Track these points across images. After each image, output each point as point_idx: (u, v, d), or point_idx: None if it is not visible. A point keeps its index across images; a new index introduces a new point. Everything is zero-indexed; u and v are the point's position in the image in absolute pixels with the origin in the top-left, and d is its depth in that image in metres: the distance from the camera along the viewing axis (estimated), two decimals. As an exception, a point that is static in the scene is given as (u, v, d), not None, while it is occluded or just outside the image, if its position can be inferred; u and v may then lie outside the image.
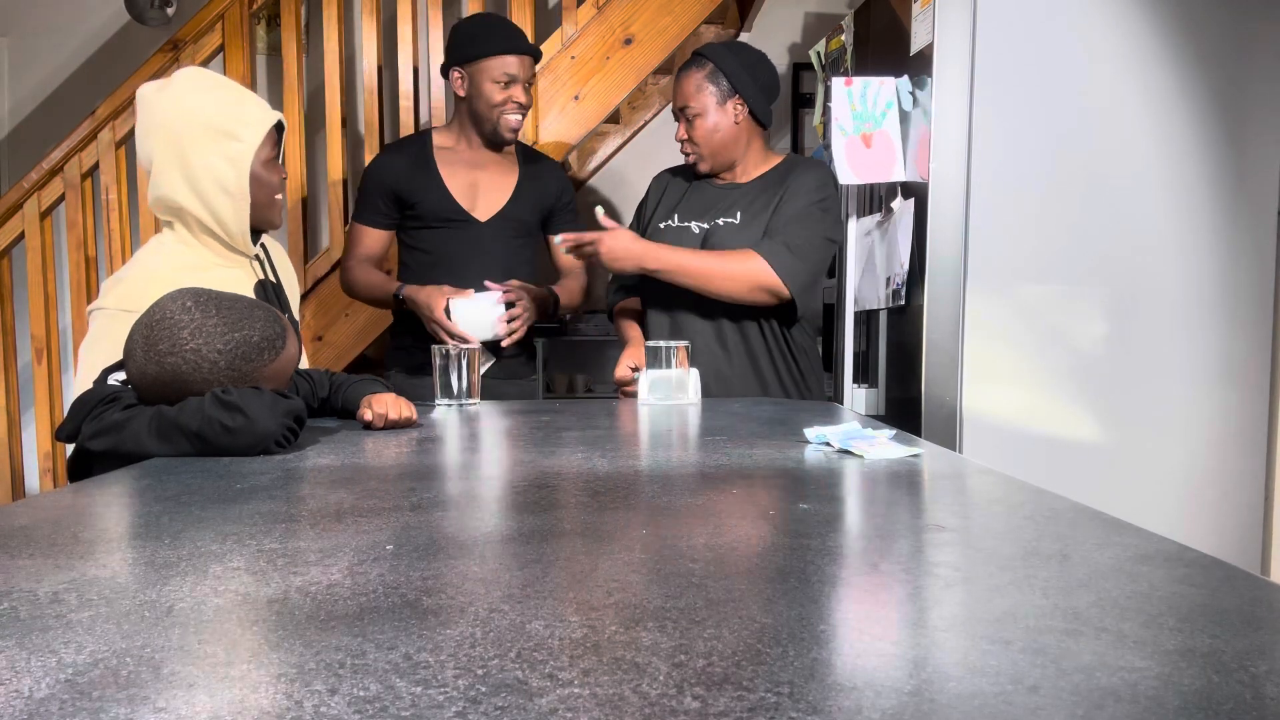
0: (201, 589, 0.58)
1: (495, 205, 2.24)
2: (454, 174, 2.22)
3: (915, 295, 2.31)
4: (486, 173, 2.25)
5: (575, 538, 0.73)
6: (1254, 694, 0.42)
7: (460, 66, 2.19)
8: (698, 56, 2.08)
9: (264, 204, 1.61)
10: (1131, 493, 2.11)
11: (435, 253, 2.22)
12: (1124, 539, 0.70)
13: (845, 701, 0.41)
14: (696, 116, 2.05)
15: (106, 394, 1.25)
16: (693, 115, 2.05)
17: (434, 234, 2.22)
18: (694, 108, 2.04)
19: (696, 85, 2.04)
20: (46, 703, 0.41)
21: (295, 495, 0.92)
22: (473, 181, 2.24)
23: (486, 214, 2.23)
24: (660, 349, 1.82)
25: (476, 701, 0.40)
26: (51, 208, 2.88)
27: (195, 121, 1.51)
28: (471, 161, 2.25)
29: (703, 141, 2.06)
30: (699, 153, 2.08)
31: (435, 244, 2.22)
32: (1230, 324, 2.15)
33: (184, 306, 1.23)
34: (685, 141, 2.09)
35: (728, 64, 2.04)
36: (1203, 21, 2.11)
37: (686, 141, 2.09)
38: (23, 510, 0.83)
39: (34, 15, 4.01)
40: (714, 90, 2.04)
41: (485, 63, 2.16)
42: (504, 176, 2.28)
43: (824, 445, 1.21)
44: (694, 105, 2.04)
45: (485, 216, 2.23)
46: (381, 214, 2.23)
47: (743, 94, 2.04)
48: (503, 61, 2.15)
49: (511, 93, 2.17)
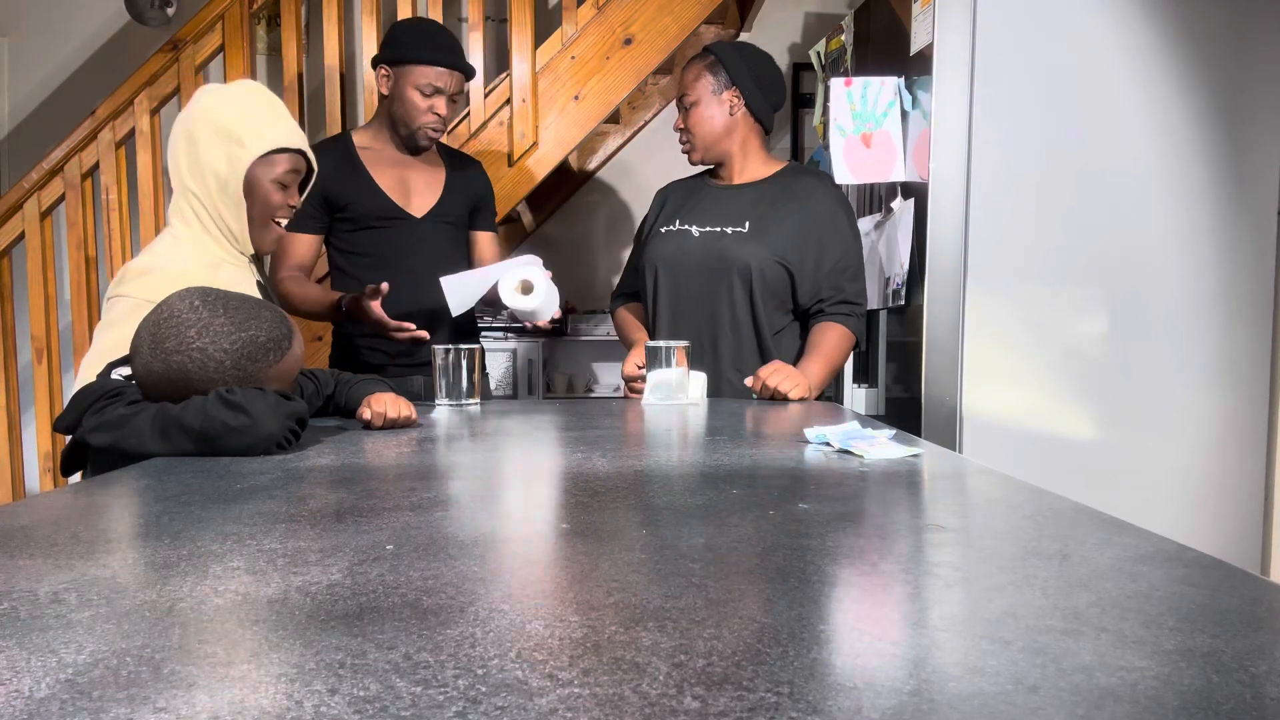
0: (201, 589, 0.58)
1: (429, 201, 2.23)
2: (382, 172, 2.20)
3: (915, 295, 2.31)
4: (415, 170, 2.24)
5: (575, 538, 0.73)
6: (1254, 694, 0.42)
7: (387, 66, 2.17)
8: (704, 51, 2.11)
9: (257, 221, 1.61)
10: (1131, 493, 2.12)
11: (372, 253, 2.18)
12: (1124, 539, 0.70)
13: (845, 701, 0.41)
14: (693, 105, 2.08)
15: (110, 388, 1.25)
16: (689, 104, 2.09)
17: (369, 234, 2.17)
18: (691, 96, 2.08)
19: (696, 75, 2.08)
20: (46, 703, 0.41)
21: (295, 495, 0.92)
22: (402, 179, 2.22)
23: (421, 210, 2.22)
24: (660, 349, 1.82)
25: (476, 701, 0.40)
26: (51, 208, 2.88)
27: (212, 119, 1.57)
28: (397, 160, 2.23)
29: (695, 129, 2.08)
30: (692, 142, 2.11)
31: (371, 244, 2.18)
32: (1230, 324, 2.15)
33: (191, 305, 1.23)
34: (682, 131, 2.12)
35: (729, 58, 2.07)
36: (1203, 21, 2.11)
37: (683, 131, 2.11)
38: (23, 510, 0.83)
39: (34, 15, 4.02)
40: (711, 81, 2.07)
41: (412, 69, 2.14)
42: (432, 172, 2.27)
43: (824, 445, 1.21)
44: (691, 94, 2.08)
45: (420, 213, 2.22)
46: (311, 219, 2.16)
47: (740, 88, 2.06)
48: (429, 72, 2.13)
49: (433, 102, 2.15)
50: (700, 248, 2.06)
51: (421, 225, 2.21)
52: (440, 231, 2.24)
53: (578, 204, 4.36)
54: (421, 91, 2.14)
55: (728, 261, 2.02)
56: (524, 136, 2.89)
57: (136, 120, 2.82)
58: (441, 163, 2.30)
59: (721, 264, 2.03)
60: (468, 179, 2.32)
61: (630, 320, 2.22)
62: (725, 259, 2.02)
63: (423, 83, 2.14)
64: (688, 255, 2.07)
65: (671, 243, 2.10)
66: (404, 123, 2.18)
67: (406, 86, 2.15)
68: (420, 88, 2.14)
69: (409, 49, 2.15)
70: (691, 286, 2.07)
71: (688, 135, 2.10)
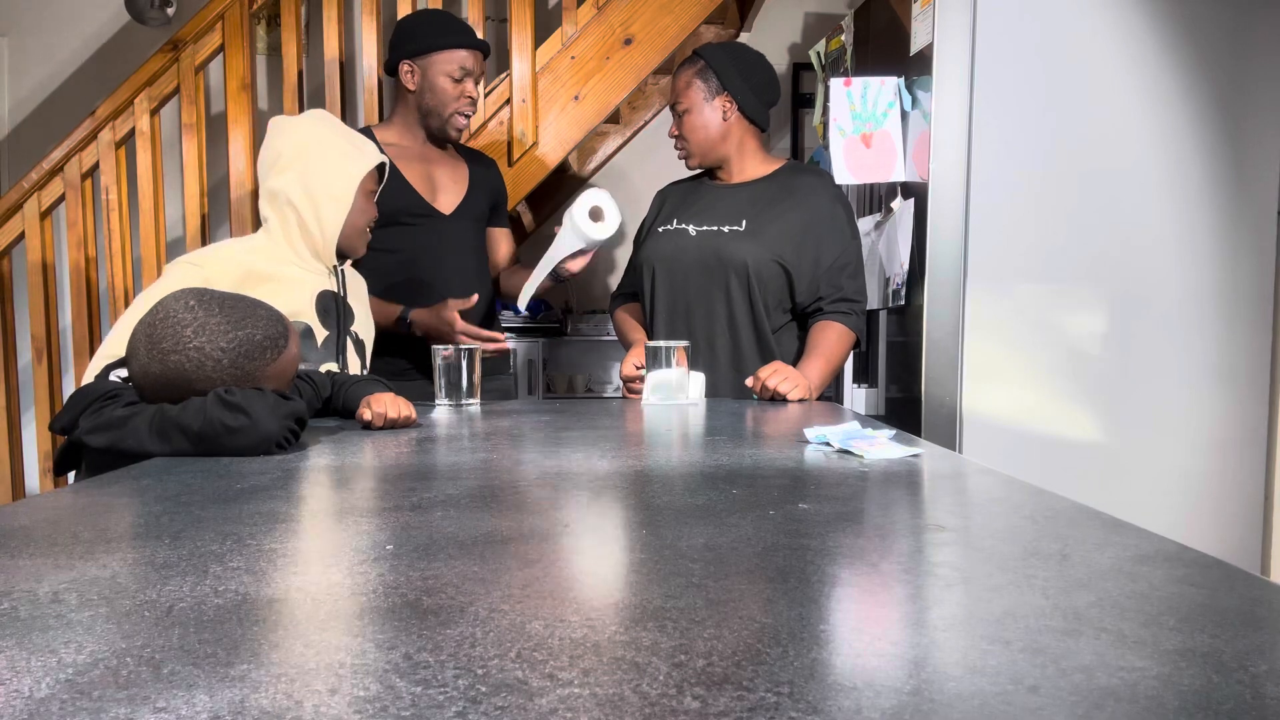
0: (201, 589, 0.58)
1: (456, 197, 2.24)
2: (410, 169, 2.20)
3: (915, 295, 2.31)
4: (440, 167, 2.25)
5: (575, 538, 0.73)
6: (1254, 694, 0.42)
7: (411, 60, 2.17)
8: (693, 55, 2.10)
9: (355, 227, 1.80)
10: (1131, 493, 2.11)
11: (403, 250, 2.17)
12: (1124, 539, 0.70)
13: (845, 701, 0.41)
14: (686, 112, 2.08)
15: (107, 389, 1.25)
16: (682, 111, 2.09)
17: (400, 231, 2.18)
18: (683, 104, 2.08)
19: (686, 82, 2.08)
20: (46, 703, 0.41)
21: (295, 495, 0.92)
22: (429, 175, 2.23)
23: (449, 207, 2.23)
24: (660, 349, 1.82)
25: (476, 701, 0.40)
26: (51, 208, 2.88)
27: (325, 138, 1.77)
28: (422, 156, 2.24)
29: (690, 136, 2.09)
30: (687, 149, 2.11)
31: (403, 241, 2.18)
32: (1230, 324, 2.15)
33: (187, 305, 1.24)
34: (677, 138, 2.12)
35: (719, 62, 2.06)
36: (1203, 21, 2.11)
37: (678, 138, 2.12)
38: (23, 510, 0.83)
39: (34, 15, 4.01)
40: (702, 87, 2.06)
41: (438, 56, 2.15)
42: (455, 169, 2.28)
43: (824, 445, 1.21)
44: (683, 102, 2.08)
45: (449, 209, 2.23)
46: None
47: (731, 91, 2.05)
48: (457, 55, 2.15)
49: (464, 87, 2.17)
50: (697, 247, 2.06)
51: (449, 222, 2.22)
52: (467, 228, 2.26)
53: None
54: (452, 77, 2.16)
55: (725, 261, 2.02)
56: (524, 136, 2.89)
57: (136, 120, 2.82)
58: (462, 159, 2.32)
59: (718, 263, 2.02)
60: (488, 176, 2.35)
61: (629, 321, 2.22)
62: (722, 258, 2.02)
63: (452, 68, 2.15)
64: (685, 254, 2.07)
65: (669, 242, 2.09)
66: (437, 113, 2.19)
67: (436, 75, 2.16)
68: (450, 74, 2.16)
69: (431, 38, 2.16)
70: (689, 286, 2.06)
71: (683, 142, 2.11)
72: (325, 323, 1.76)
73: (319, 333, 1.74)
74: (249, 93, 2.84)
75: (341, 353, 1.79)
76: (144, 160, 2.83)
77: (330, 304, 1.78)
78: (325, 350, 1.75)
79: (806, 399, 1.87)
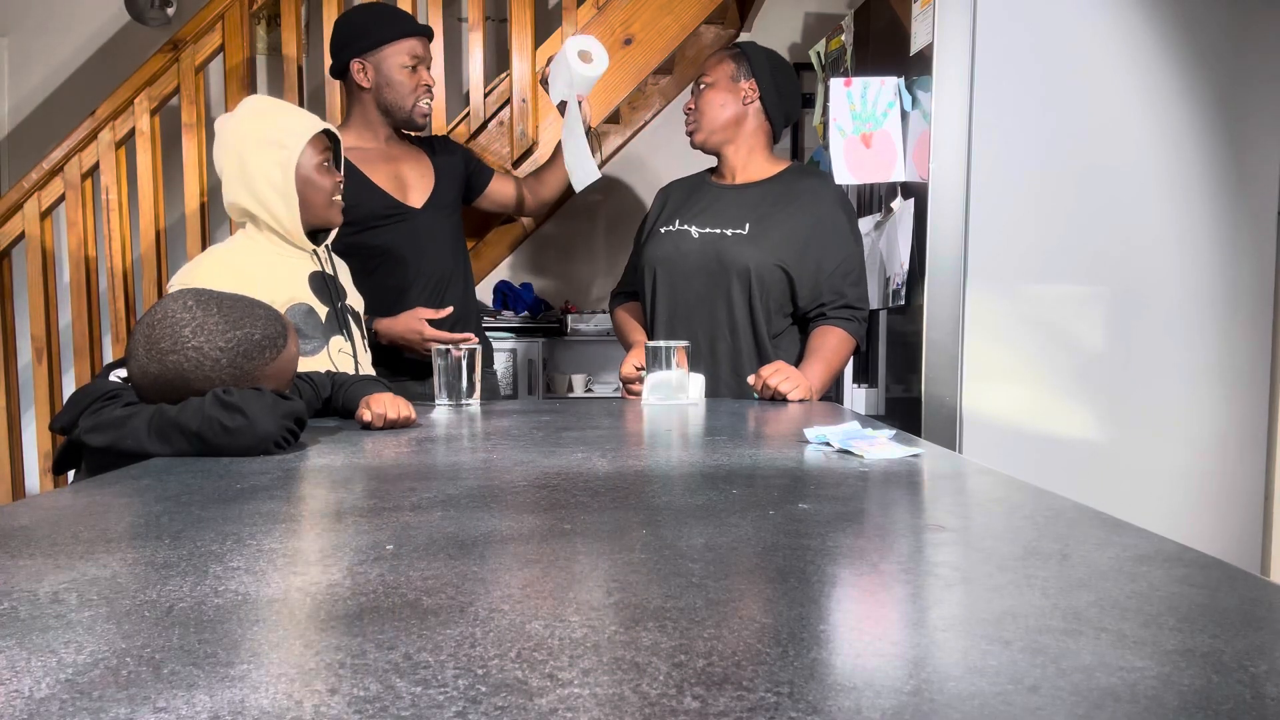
0: (201, 589, 0.58)
1: (425, 191, 2.25)
2: (374, 170, 2.20)
3: (915, 295, 2.31)
4: (404, 163, 2.25)
5: (575, 538, 0.73)
6: (1254, 694, 0.42)
7: (361, 57, 2.16)
8: (734, 44, 2.17)
9: (320, 204, 1.80)
10: (1131, 493, 2.11)
11: (379, 252, 2.17)
12: (1124, 539, 0.70)
13: (845, 701, 0.41)
14: (708, 86, 2.11)
15: (106, 389, 1.25)
16: (705, 84, 2.12)
17: (373, 233, 2.17)
18: (709, 78, 2.11)
19: (718, 59, 2.13)
20: (46, 703, 0.41)
21: (295, 495, 0.92)
22: (395, 173, 2.23)
23: (419, 200, 2.23)
24: (660, 349, 1.82)
25: (476, 701, 0.40)
26: (51, 208, 2.88)
27: (250, 137, 1.76)
28: (385, 155, 2.23)
29: (705, 110, 2.11)
30: (698, 121, 2.12)
31: (376, 242, 2.17)
32: (1230, 324, 2.15)
33: (185, 305, 1.24)
34: (691, 111, 2.15)
35: (756, 55, 2.12)
36: (1203, 21, 2.11)
37: (692, 111, 2.14)
38: (23, 510, 0.83)
39: (34, 15, 4.01)
40: (732, 67, 2.10)
41: (389, 49, 2.15)
42: (420, 163, 2.28)
43: (824, 445, 1.21)
44: (709, 76, 2.12)
45: (419, 203, 2.23)
46: None
47: (759, 81, 2.09)
48: (406, 44, 2.15)
49: (420, 75, 2.18)
50: (699, 249, 2.06)
51: (421, 215, 2.23)
52: (440, 218, 2.26)
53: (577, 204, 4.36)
54: (406, 67, 2.16)
55: (727, 264, 2.02)
56: (524, 136, 2.89)
57: (136, 120, 2.82)
58: (423, 151, 2.32)
59: (720, 266, 2.02)
60: (451, 161, 2.35)
61: (629, 321, 2.21)
62: (724, 261, 2.02)
63: (404, 58, 2.16)
64: (686, 257, 2.06)
65: (670, 243, 2.09)
66: (399, 105, 2.19)
67: (391, 69, 2.16)
68: (403, 64, 2.16)
69: (378, 31, 2.16)
70: (690, 288, 2.06)
71: (696, 115, 2.13)
72: (323, 300, 1.81)
73: (320, 310, 1.79)
74: (249, 93, 2.84)
75: (344, 326, 1.83)
76: (144, 160, 2.83)
77: (322, 283, 1.82)
78: (329, 325, 1.79)
79: (807, 399, 1.87)
